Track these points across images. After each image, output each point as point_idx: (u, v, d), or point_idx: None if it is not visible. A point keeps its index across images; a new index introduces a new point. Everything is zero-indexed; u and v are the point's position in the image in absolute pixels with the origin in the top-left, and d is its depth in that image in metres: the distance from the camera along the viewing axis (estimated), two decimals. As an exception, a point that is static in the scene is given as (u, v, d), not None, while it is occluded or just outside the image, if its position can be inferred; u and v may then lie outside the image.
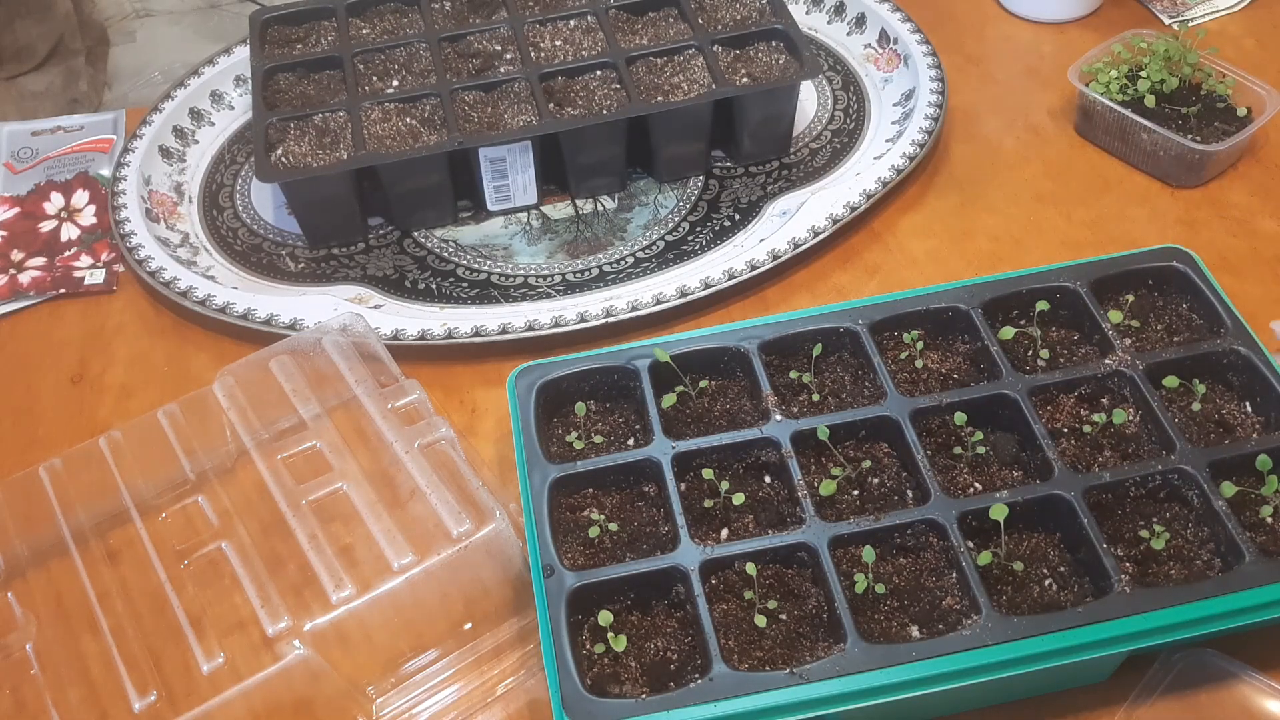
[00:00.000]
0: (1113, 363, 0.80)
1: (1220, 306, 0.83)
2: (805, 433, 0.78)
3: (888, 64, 1.17)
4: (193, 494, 0.80)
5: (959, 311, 0.84)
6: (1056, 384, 0.80)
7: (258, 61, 1.08)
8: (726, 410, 0.82)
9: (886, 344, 0.84)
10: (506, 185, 1.04)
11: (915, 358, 0.83)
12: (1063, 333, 0.85)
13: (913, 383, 0.82)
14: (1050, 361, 0.82)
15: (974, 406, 0.79)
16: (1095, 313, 0.83)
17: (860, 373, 0.83)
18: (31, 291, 1.03)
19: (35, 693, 0.71)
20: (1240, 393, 0.81)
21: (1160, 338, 0.84)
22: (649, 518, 0.77)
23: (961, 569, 0.71)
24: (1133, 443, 0.78)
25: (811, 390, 0.82)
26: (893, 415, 0.79)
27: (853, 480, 0.77)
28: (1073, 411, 0.80)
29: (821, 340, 0.83)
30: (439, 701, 0.75)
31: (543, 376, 0.82)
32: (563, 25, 1.10)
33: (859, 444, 0.80)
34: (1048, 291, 0.85)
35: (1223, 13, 1.23)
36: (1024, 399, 0.78)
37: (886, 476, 0.78)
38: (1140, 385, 0.79)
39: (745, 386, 0.84)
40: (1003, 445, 0.78)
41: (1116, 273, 0.86)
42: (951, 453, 0.78)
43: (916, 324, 0.85)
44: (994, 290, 0.85)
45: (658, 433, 0.79)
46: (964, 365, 0.83)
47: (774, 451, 0.78)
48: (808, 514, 0.74)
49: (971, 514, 0.73)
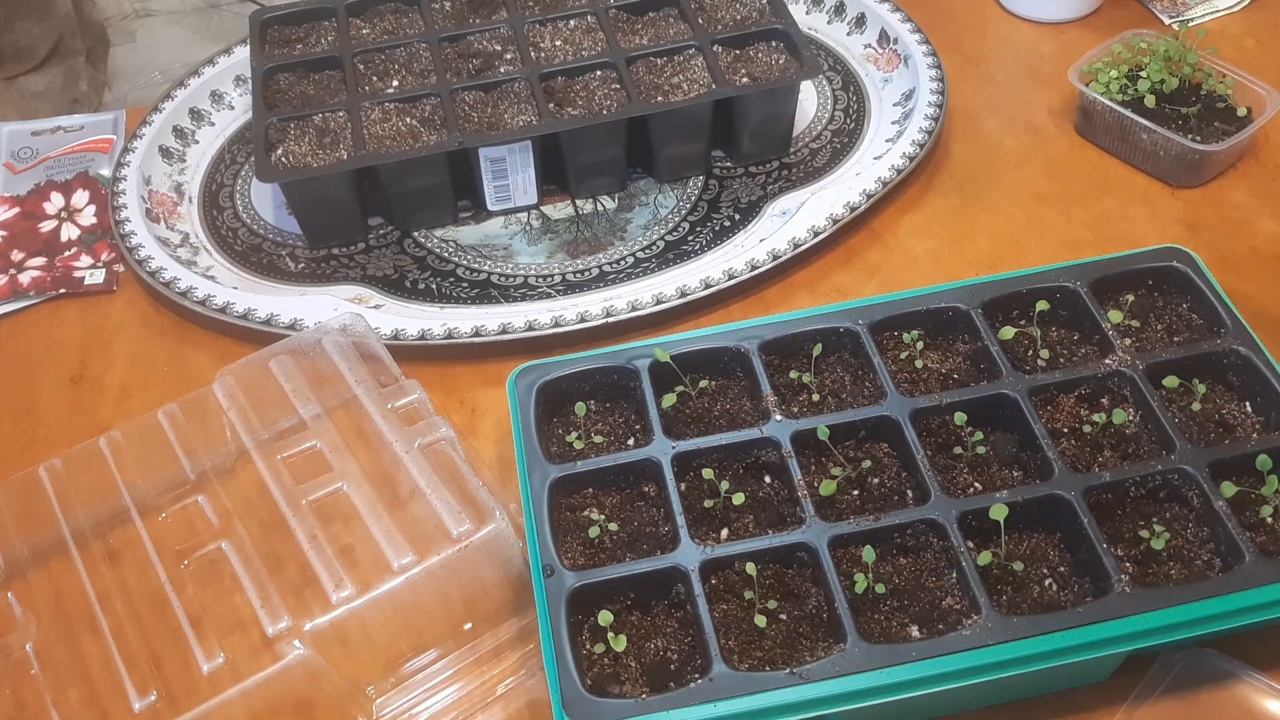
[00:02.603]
0: (1113, 363, 0.80)
1: (1220, 306, 0.83)
2: (805, 433, 0.78)
3: (888, 64, 1.17)
4: (193, 494, 0.80)
5: (959, 311, 0.84)
6: (1056, 384, 0.80)
7: (258, 61, 1.08)
8: (726, 410, 0.82)
9: (886, 344, 0.84)
10: (506, 185, 1.04)
11: (915, 358, 0.83)
12: (1062, 333, 0.85)
13: (913, 383, 0.82)
14: (1050, 361, 0.82)
15: (974, 406, 0.79)
16: (1095, 313, 0.83)
17: (860, 373, 0.83)
18: (31, 291, 1.03)
19: (35, 693, 0.71)
20: (1240, 393, 0.81)
21: (1160, 338, 0.84)
22: (649, 518, 0.77)
23: (961, 569, 0.71)
24: (1133, 443, 0.78)
25: (811, 390, 0.82)
26: (893, 415, 0.79)
27: (852, 480, 0.77)
28: (1073, 411, 0.80)
29: (821, 340, 0.83)
30: (439, 701, 0.75)
31: (543, 376, 0.82)
32: (563, 25, 1.10)
33: (859, 444, 0.80)
34: (1048, 292, 0.85)
35: (1223, 13, 1.23)
36: (1024, 399, 0.79)
37: (886, 476, 0.78)
38: (1140, 385, 0.79)
39: (745, 386, 0.84)
40: (1003, 445, 0.78)
41: (1116, 273, 0.86)
42: (951, 453, 0.78)
43: (916, 324, 0.85)
44: (994, 290, 0.85)
45: (658, 433, 0.79)
46: (964, 365, 0.83)
47: (774, 451, 0.78)
48: (808, 514, 0.74)
49: (971, 514, 0.73)
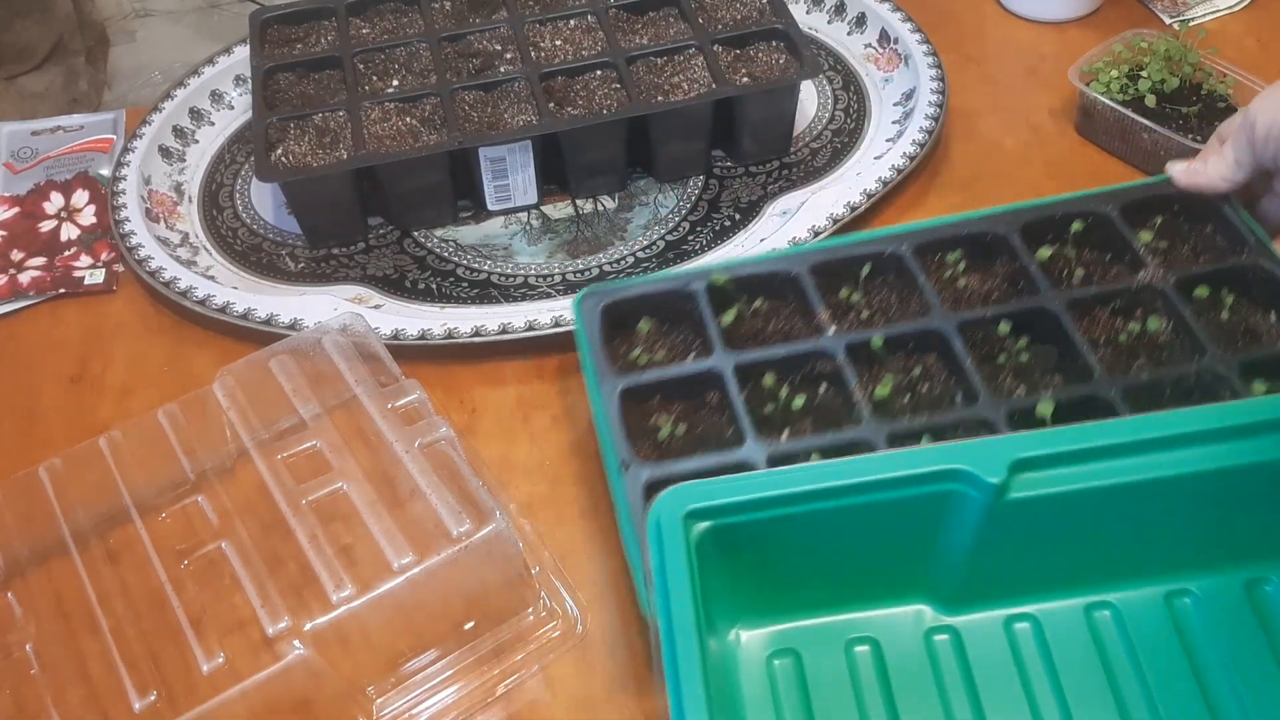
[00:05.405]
0: (1144, 277, 0.84)
1: (1243, 228, 0.85)
2: (858, 344, 0.81)
3: (888, 64, 1.17)
4: (193, 494, 0.80)
5: (997, 236, 0.88)
6: (1092, 297, 0.84)
7: (258, 61, 1.08)
8: (780, 329, 0.85)
9: (930, 266, 0.88)
10: (506, 185, 1.04)
11: (957, 278, 0.86)
12: (1095, 254, 0.88)
13: (956, 301, 0.85)
14: (1084, 280, 0.86)
15: (1015, 320, 0.83)
16: (1126, 234, 0.87)
17: (906, 293, 0.86)
18: (31, 291, 1.03)
19: (35, 693, 0.71)
20: (1265, 305, 0.84)
21: (1187, 257, 0.87)
22: (713, 424, 0.80)
23: None
24: (1165, 350, 0.81)
25: (860, 308, 0.85)
26: (940, 327, 0.82)
27: (903, 388, 0.80)
28: (1108, 324, 0.83)
29: (870, 262, 0.87)
30: (439, 701, 0.75)
31: (606, 298, 0.85)
32: (563, 25, 1.10)
33: (908, 356, 0.83)
34: (1081, 215, 0.88)
35: (1223, 12, 1.23)
36: (1062, 312, 0.82)
37: (935, 383, 0.81)
38: (1171, 297, 0.82)
39: (797, 307, 0.87)
40: (1044, 356, 0.81)
41: (1145, 197, 0.89)
42: (995, 362, 0.82)
43: (958, 247, 0.88)
44: (1030, 215, 0.88)
45: (718, 346, 0.82)
46: (1003, 286, 0.87)
47: (829, 362, 0.81)
48: (864, 416, 0.77)
49: (1019, 412, 0.76)
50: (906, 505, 0.65)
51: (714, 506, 0.63)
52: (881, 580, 0.70)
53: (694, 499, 0.63)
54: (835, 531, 0.66)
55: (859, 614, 0.71)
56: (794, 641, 0.70)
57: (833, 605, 0.70)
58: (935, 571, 0.69)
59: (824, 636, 0.70)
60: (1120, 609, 0.70)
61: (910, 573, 0.69)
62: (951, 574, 0.69)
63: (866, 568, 0.69)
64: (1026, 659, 0.69)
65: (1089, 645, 0.70)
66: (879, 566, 0.69)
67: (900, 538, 0.67)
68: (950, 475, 0.64)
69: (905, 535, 0.67)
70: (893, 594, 0.71)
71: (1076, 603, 0.71)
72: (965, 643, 0.69)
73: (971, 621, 0.70)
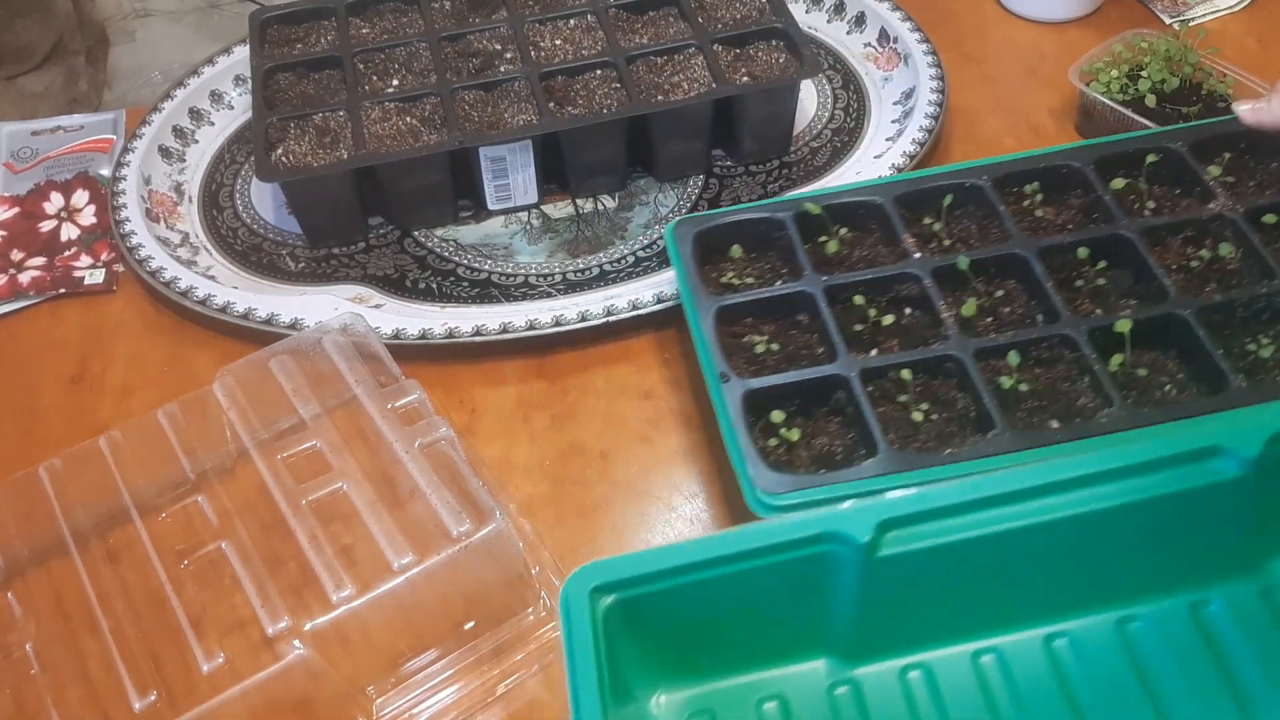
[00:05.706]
0: (1215, 207, 0.87)
1: None
2: (943, 268, 0.85)
3: (888, 63, 1.17)
4: (193, 494, 0.80)
5: (1073, 169, 0.91)
6: (1166, 225, 0.87)
7: (257, 61, 1.08)
8: (865, 256, 0.89)
9: (1007, 198, 0.91)
10: (507, 184, 1.04)
11: (1035, 208, 0.90)
12: (1165, 188, 0.92)
13: (1033, 230, 0.89)
14: (1156, 211, 0.89)
15: (1092, 246, 0.86)
16: (1195, 168, 0.90)
17: (985, 222, 0.91)
18: (31, 291, 1.03)
19: (35, 693, 0.71)
20: None
21: (1254, 190, 0.91)
22: (805, 342, 0.85)
23: (1094, 373, 0.78)
24: (1235, 276, 0.85)
25: (942, 236, 0.89)
26: (1021, 252, 0.85)
27: (986, 309, 0.84)
28: (1180, 251, 0.87)
29: (951, 193, 0.90)
30: (439, 701, 0.75)
31: (698, 226, 0.90)
32: (563, 24, 1.10)
33: (989, 280, 0.87)
34: (1154, 149, 0.91)
35: (1223, 12, 1.23)
36: (1138, 238, 0.85)
37: (1017, 305, 0.85)
38: (1241, 226, 0.86)
39: (881, 236, 0.90)
40: (1120, 280, 0.85)
41: (1214, 135, 0.93)
42: (1074, 286, 0.85)
43: (1035, 179, 0.92)
44: (1104, 150, 0.92)
45: (808, 270, 0.86)
46: (1078, 217, 0.91)
47: (915, 285, 0.85)
48: (951, 333, 0.81)
49: (1098, 330, 0.80)
50: (791, 567, 0.67)
51: (616, 580, 0.65)
52: (784, 639, 0.72)
53: (599, 576, 0.65)
54: (733, 596, 0.68)
55: (767, 673, 0.73)
56: (710, 703, 0.72)
57: (742, 666, 0.72)
58: (831, 628, 0.71)
59: (736, 696, 0.72)
60: (1004, 652, 0.73)
61: (808, 630, 0.71)
62: (845, 629, 0.71)
63: (768, 628, 0.71)
64: (920, 707, 0.71)
65: (975, 690, 0.71)
66: (779, 626, 0.71)
67: (793, 598, 0.69)
68: (824, 538, 0.66)
69: (797, 595, 0.69)
70: (795, 651, 0.73)
71: (964, 649, 0.73)
72: (864, 694, 0.72)
73: (869, 673, 0.72)
